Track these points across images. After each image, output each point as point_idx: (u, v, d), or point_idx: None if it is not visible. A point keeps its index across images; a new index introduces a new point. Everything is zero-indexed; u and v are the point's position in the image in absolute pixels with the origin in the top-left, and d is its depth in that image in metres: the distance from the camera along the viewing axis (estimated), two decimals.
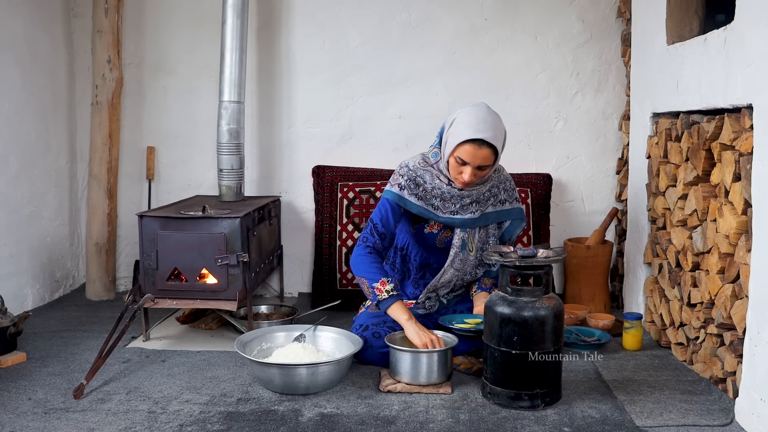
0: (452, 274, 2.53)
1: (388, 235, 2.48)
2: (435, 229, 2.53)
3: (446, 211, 2.47)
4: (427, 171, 2.47)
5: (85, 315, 3.12)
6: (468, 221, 2.48)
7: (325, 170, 3.39)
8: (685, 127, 2.40)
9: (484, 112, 2.34)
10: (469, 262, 2.54)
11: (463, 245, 2.50)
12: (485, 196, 2.50)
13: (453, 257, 2.50)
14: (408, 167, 2.49)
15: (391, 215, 2.46)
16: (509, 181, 2.60)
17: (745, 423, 1.93)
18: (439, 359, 2.23)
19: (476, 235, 2.52)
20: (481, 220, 2.50)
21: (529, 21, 3.41)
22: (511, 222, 2.58)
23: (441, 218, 2.47)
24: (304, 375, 2.15)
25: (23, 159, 3.11)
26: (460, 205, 2.47)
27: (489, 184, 2.50)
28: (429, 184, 2.46)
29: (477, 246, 2.53)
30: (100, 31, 3.30)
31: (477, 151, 2.29)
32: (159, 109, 3.56)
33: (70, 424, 1.97)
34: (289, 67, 3.50)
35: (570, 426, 1.96)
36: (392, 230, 2.49)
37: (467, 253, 2.52)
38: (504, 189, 2.56)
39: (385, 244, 2.49)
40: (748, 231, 1.95)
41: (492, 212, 2.53)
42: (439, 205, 2.47)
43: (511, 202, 2.57)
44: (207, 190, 3.56)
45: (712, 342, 2.23)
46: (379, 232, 2.47)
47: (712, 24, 2.54)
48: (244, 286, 2.66)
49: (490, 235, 2.56)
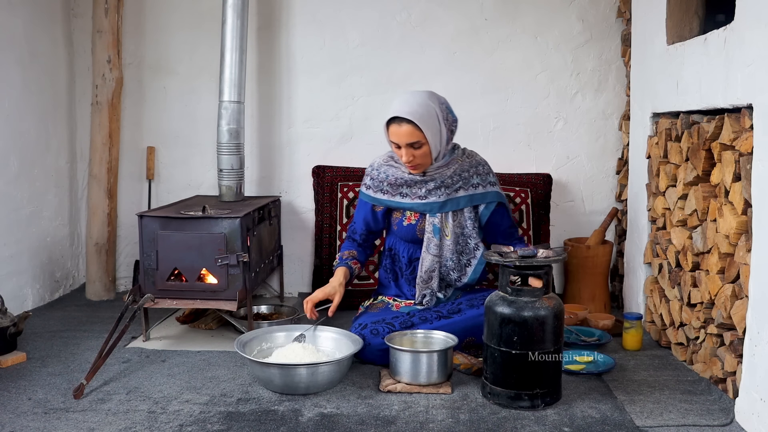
0: (431, 260, 2.56)
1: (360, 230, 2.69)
2: (413, 219, 2.60)
3: (414, 197, 2.56)
4: (390, 166, 2.62)
5: (85, 315, 3.12)
6: (435, 205, 2.53)
7: (325, 170, 3.39)
8: (685, 127, 2.41)
9: (409, 94, 2.49)
10: (447, 247, 2.56)
11: (436, 230, 2.54)
12: (453, 180, 2.54)
13: (427, 242, 2.55)
14: (373, 166, 2.67)
15: (363, 212, 2.67)
16: (482, 165, 2.62)
17: (745, 423, 1.93)
18: (439, 359, 2.23)
19: (450, 219, 2.55)
20: (450, 204, 2.54)
21: (529, 21, 3.41)
22: (486, 205, 2.58)
23: (407, 204, 2.56)
24: (304, 375, 2.15)
25: (23, 159, 3.11)
26: (425, 190, 2.54)
27: (453, 167, 2.55)
28: (392, 176, 2.59)
29: (453, 231, 2.55)
30: (100, 31, 3.30)
31: (398, 129, 2.42)
32: (159, 109, 3.56)
33: (70, 424, 1.97)
34: (289, 67, 3.50)
35: (570, 426, 1.96)
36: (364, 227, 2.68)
37: (443, 238, 2.55)
38: (477, 173, 2.58)
39: (355, 237, 2.70)
40: (748, 231, 1.95)
41: (463, 196, 2.56)
42: (407, 193, 2.57)
43: (484, 185, 2.58)
44: (207, 190, 3.56)
45: (712, 342, 2.23)
46: (352, 228, 2.73)
47: (712, 24, 2.53)
48: (244, 286, 2.66)
49: (467, 219, 2.57)
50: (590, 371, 2.35)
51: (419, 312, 2.52)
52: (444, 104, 2.51)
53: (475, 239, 2.58)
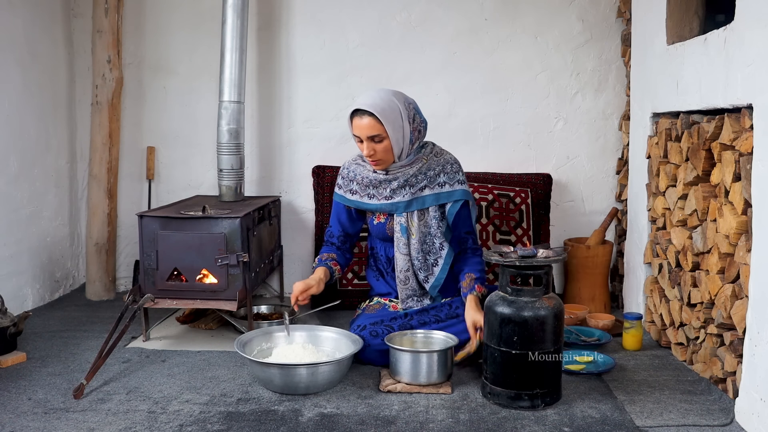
0: (403, 260, 2.57)
1: (336, 233, 2.68)
2: (382, 218, 2.61)
3: (380, 197, 2.56)
4: (359, 165, 2.63)
5: (85, 315, 3.12)
6: (401, 205, 2.53)
7: (325, 170, 3.39)
8: (685, 127, 2.41)
9: (374, 90, 2.51)
10: (413, 246, 2.55)
11: (403, 229, 2.55)
12: (418, 179, 2.54)
13: (397, 242, 2.57)
14: (344, 166, 2.69)
15: (336, 213, 2.68)
16: (451, 164, 2.59)
17: (745, 423, 1.93)
18: (439, 359, 2.23)
19: (416, 218, 2.54)
20: (415, 203, 2.54)
21: (529, 21, 3.41)
22: (452, 204, 2.56)
23: (374, 206, 2.57)
24: (304, 375, 2.15)
25: (23, 159, 3.11)
26: (390, 189, 2.54)
27: (417, 165, 2.54)
28: (360, 175, 2.60)
29: (419, 230, 2.54)
30: (100, 31, 3.30)
31: (360, 121, 2.43)
32: (159, 109, 3.56)
33: (70, 424, 1.97)
34: (289, 67, 3.50)
35: (570, 426, 1.96)
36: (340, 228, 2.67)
37: (410, 237, 2.55)
38: (444, 172, 2.57)
39: (333, 240, 2.68)
40: (748, 231, 1.95)
41: (429, 195, 2.54)
42: (374, 194, 2.57)
43: (452, 184, 2.56)
44: (207, 190, 3.56)
45: (712, 342, 2.23)
46: (328, 232, 2.72)
47: (712, 24, 2.53)
48: (244, 286, 2.66)
49: (431, 218, 2.55)
50: (590, 371, 2.35)
51: (417, 315, 2.52)
52: (412, 104, 2.51)
53: (440, 239, 2.55)
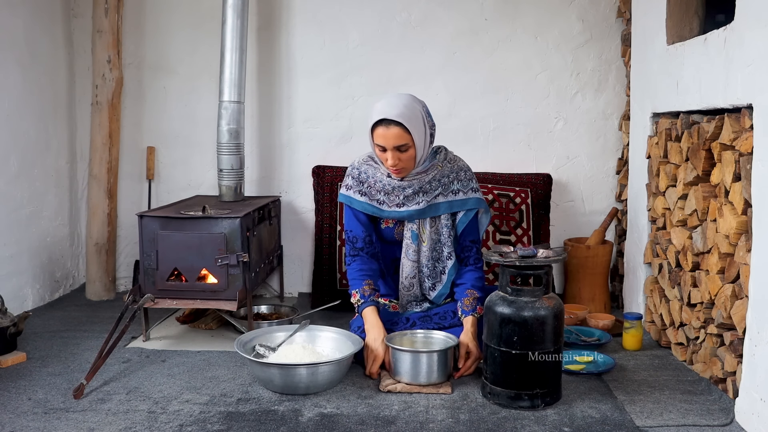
0: (410, 266, 2.54)
1: (361, 235, 2.54)
2: (390, 223, 2.56)
3: (392, 204, 2.50)
4: (370, 166, 2.55)
5: (85, 315, 3.12)
6: (414, 213, 2.48)
7: (325, 170, 3.39)
8: (685, 127, 2.41)
9: (394, 96, 2.42)
10: (423, 253, 2.53)
11: (414, 236, 2.51)
12: (432, 186, 2.49)
13: (406, 248, 2.53)
14: (353, 166, 2.60)
15: (352, 216, 2.56)
16: (464, 171, 2.56)
17: (745, 423, 1.93)
18: (439, 359, 2.23)
19: (427, 225, 2.51)
20: (429, 211, 2.49)
21: (529, 21, 3.41)
22: (465, 213, 2.52)
23: (385, 213, 2.51)
24: (304, 375, 2.15)
25: (23, 159, 3.11)
26: (403, 197, 2.48)
27: (433, 173, 2.49)
28: (372, 178, 2.53)
29: (430, 237, 2.51)
30: (100, 31, 3.30)
31: (386, 131, 2.34)
32: (159, 109, 3.56)
33: (70, 424, 1.97)
34: (289, 67, 3.50)
35: (570, 426, 1.96)
36: (363, 229, 2.54)
37: (420, 244, 2.52)
38: (458, 179, 2.53)
39: (359, 245, 2.54)
40: (748, 231, 1.95)
41: (443, 202, 2.50)
42: (384, 200, 2.50)
43: (465, 192, 2.52)
44: (207, 190, 3.56)
45: (712, 342, 2.23)
46: (350, 237, 2.57)
47: (712, 24, 2.53)
48: (244, 286, 2.66)
49: (443, 226, 2.52)
50: (590, 371, 2.35)
51: (420, 321, 2.51)
52: (425, 107, 2.47)
53: (449, 248, 2.52)
